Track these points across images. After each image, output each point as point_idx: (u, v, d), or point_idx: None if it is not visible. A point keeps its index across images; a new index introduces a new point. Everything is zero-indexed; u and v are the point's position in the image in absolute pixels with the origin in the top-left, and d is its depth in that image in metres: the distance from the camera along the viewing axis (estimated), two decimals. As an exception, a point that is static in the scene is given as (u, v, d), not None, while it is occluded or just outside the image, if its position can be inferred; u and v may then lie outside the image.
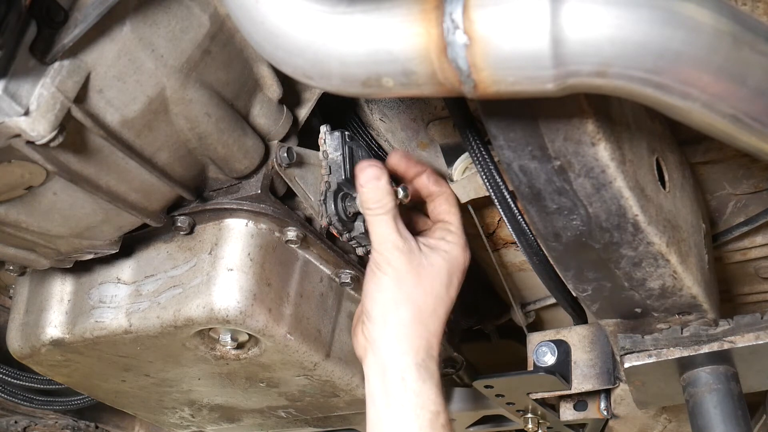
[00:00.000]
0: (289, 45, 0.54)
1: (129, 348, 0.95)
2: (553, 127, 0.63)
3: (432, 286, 0.86)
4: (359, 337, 0.88)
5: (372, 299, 0.85)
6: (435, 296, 0.86)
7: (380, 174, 0.83)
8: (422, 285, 0.85)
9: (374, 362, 0.85)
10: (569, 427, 1.34)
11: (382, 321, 0.84)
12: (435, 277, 0.86)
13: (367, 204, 0.83)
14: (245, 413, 1.22)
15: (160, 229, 0.88)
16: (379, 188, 0.82)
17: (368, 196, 0.83)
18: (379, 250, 0.84)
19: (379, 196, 0.83)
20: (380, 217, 0.83)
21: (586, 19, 0.47)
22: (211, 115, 0.77)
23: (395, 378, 0.83)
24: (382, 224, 0.84)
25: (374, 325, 0.85)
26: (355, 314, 0.94)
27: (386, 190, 0.83)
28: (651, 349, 0.82)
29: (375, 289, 0.85)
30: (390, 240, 0.84)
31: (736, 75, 0.48)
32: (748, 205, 0.97)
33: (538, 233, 0.74)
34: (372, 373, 0.85)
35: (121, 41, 0.66)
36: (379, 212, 0.83)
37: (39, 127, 0.60)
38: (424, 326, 0.85)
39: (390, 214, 0.84)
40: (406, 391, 0.82)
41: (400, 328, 0.84)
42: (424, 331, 0.85)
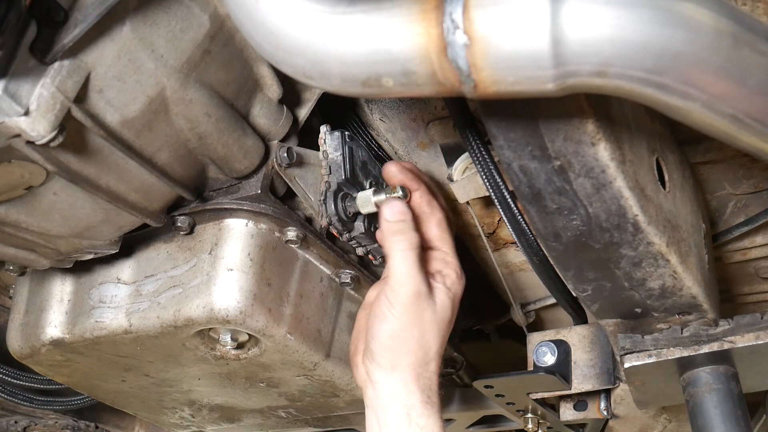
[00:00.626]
0: (289, 45, 0.54)
1: (129, 348, 0.95)
2: (553, 127, 0.63)
3: (440, 328, 0.86)
4: (360, 368, 0.88)
5: (379, 342, 0.84)
6: (442, 337, 0.87)
7: (407, 210, 0.84)
8: (432, 330, 0.85)
9: (378, 397, 0.85)
10: (569, 427, 1.34)
11: (390, 367, 0.84)
12: (443, 318, 0.87)
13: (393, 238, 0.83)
14: (245, 413, 1.22)
15: (160, 229, 0.88)
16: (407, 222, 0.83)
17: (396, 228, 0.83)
18: (398, 291, 0.83)
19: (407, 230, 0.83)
20: (404, 253, 0.83)
21: (586, 19, 0.47)
22: (211, 115, 0.77)
23: (401, 414, 0.83)
24: (405, 261, 0.83)
25: (380, 369, 0.84)
26: (354, 333, 0.93)
27: (412, 225, 0.83)
28: (651, 349, 0.82)
29: (384, 331, 0.84)
30: (411, 283, 0.83)
31: (736, 75, 0.48)
32: (748, 205, 0.97)
33: (538, 233, 0.74)
34: (376, 405, 0.85)
35: (121, 41, 0.66)
36: (403, 247, 0.83)
37: (39, 127, 0.60)
38: (426, 369, 0.85)
39: (415, 251, 0.84)
40: (411, 425, 0.82)
41: (406, 375, 0.84)
42: (426, 373, 0.85)
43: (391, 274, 0.84)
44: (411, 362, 0.84)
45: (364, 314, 0.91)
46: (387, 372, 0.84)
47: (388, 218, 0.83)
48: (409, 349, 0.84)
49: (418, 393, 0.84)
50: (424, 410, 0.83)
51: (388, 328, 0.84)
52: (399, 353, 0.84)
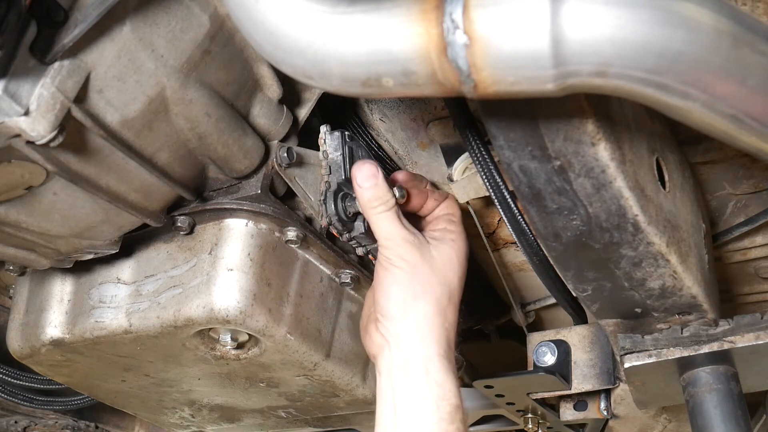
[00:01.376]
0: (289, 45, 0.54)
1: (129, 348, 0.95)
2: (553, 127, 0.63)
3: (445, 276, 0.85)
4: (374, 335, 0.86)
5: (387, 295, 0.83)
6: (449, 286, 0.86)
7: (376, 172, 0.82)
8: (437, 276, 0.84)
9: (394, 356, 0.83)
10: (569, 427, 1.34)
11: (402, 315, 0.83)
12: (447, 266, 0.86)
13: (369, 203, 0.82)
14: (245, 413, 1.22)
15: (160, 229, 0.88)
16: (378, 186, 0.82)
17: (369, 194, 0.82)
18: (389, 246, 0.83)
19: (380, 194, 0.82)
20: (384, 215, 0.83)
21: (586, 19, 0.46)
22: (211, 115, 0.77)
23: (418, 369, 0.81)
24: (386, 221, 0.83)
25: (392, 320, 0.83)
26: (363, 313, 0.92)
27: (385, 187, 0.82)
28: (651, 349, 0.82)
29: (390, 283, 0.83)
30: (398, 234, 0.83)
31: (736, 75, 0.48)
32: (748, 205, 0.97)
33: (538, 233, 0.74)
34: (392, 367, 0.83)
35: (121, 41, 0.66)
36: (381, 209, 0.82)
37: (39, 127, 0.60)
38: (443, 317, 0.84)
39: (393, 210, 0.83)
40: (428, 382, 0.81)
41: (421, 321, 0.82)
42: (443, 322, 0.84)
43: (379, 237, 0.84)
44: (422, 308, 0.83)
45: (371, 293, 0.90)
46: (400, 321, 0.83)
47: (360, 183, 0.82)
48: (416, 293, 0.83)
49: (435, 345, 0.82)
50: (442, 365, 0.81)
51: (389, 277, 0.83)
52: (407, 299, 0.83)
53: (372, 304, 0.89)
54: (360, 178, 0.82)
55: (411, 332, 0.82)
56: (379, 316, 0.85)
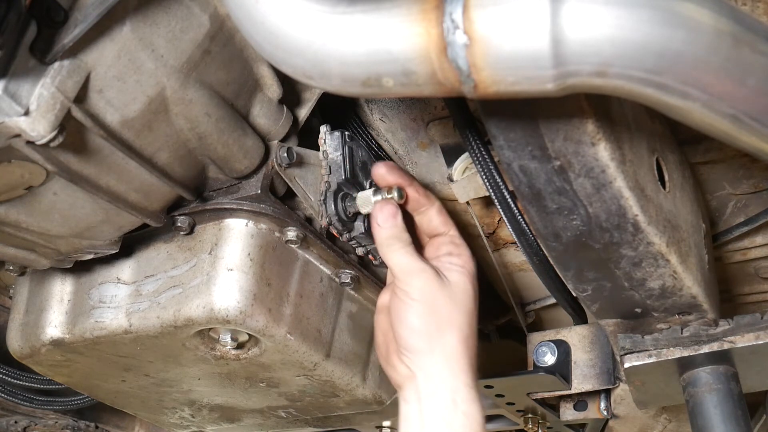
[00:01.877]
0: (289, 45, 0.54)
1: (129, 348, 0.95)
2: (553, 127, 0.63)
3: (464, 304, 0.86)
4: (398, 366, 0.86)
5: (410, 330, 0.83)
6: (469, 313, 0.86)
7: (396, 212, 0.84)
8: (456, 305, 0.85)
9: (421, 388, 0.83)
10: (569, 427, 1.34)
11: (428, 350, 0.83)
12: (464, 294, 0.86)
13: (386, 242, 0.84)
14: (245, 413, 1.22)
15: (160, 229, 0.88)
16: (397, 226, 0.84)
17: (388, 233, 0.83)
18: (405, 279, 0.83)
19: (398, 233, 0.84)
20: (401, 251, 0.84)
21: (586, 19, 0.46)
22: (211, 115, 0.77)
23: (446, 400, 0.82)
24: (404, 256, 0.84)
25: (419, 355, 0.83)
26: (378, 341, 0.92)
27: (403, 226, 0.84)
28: (651, 349, 0.82)
29: (411, 318, 0.83)
30: (415, 267, 0.84)
31: (736, 75, 0.48)
32: (748, 205, 0.97)
33: (538, 233, 0.74)
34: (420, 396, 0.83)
35: (121, 41, 0.66)
36: (398, 247, 0.84)
37: (39, 127, 0.60)
38: (467, 346, 0.84)
39: (409, 245, 0.84)
40: (456, 412, 0.81)
41: (447, 353, 0.83)
42: (467, 350, 0.84)
43: (396, 272, 0.84)
44: (448, 341, 0.83)
45: (382, 317, 0.90)
46: (427, 355, 0.83)
47: (380, 223, 0.84)
48: (440, 327, 0.83)
49: (462, 375, 0.82)
50: (469, 395, 0.82)
51: (412, 312, 0.83)
52: (432, 333, 0.83)
53: (386, 331, 0.89)
54: (380, 218, 0.84)
55: (439, 366, 0.83)
56: (404, 350, 0.84)
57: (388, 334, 0.88)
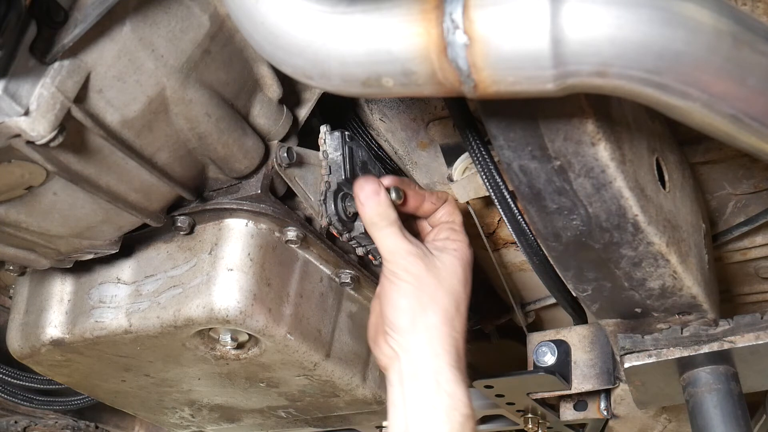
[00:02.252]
0: (289, 45, 0.54)
1: (129, 348, 0.95)
2: (553, 127, 0.63)
3: (452, 285, 0.85)
4: (384, 347, 0.86)
5: (395, 308, 0.83)
6: (456, 295, 0.86)
7: (378, 188, 0.83)
8: (443, 286, 0.84)
9: (405, 369, 0.83)
10: (569, 427, 1.34)
11: (411, 328, 0.83)
12: (452, 276, 0.86)
13: (371, 220, 0.83)
14: (245, 413, 1.22)
15: (160, 229, 0.88)
16: (381, 203, 0.82)
17: (372, 211, 0.82)
18: (393, 260, 0.83)
19: (382, 210, 0.83)
20: (386, 230, 0.83)
21: (586, 19, 0.46)
22: (211, 115, 0.77)
23: (428, 381, 0.82)
24: (390, 236, 0.83)
25: (402, 333, 0.83)
26: (370, 324, 0.92)
27: (387, 203, 0.83)
28: (651, 349, 0.82)
29: (397, 297, 0.83)
30: (402, 248, 0.83)
31: (736, 75, 0.48)
32: (748, 205, 0.97)
33: (538, 233, 0.74)
34: (402, 378, 0.83)
35: (121, 41, 0.66)
36: (384, 225, 0.83)
37: (39, 127, 0.60)
38: (452, 327, 0.84)
39: (395, 224, 0.84)
40: (439, 392, 0.81)
41: (430, 332, 0.83)
42: (452, 331, 0.84)
43: (383, 252, 0.84)
44: (430, 319, 0.83)
45: (377, 303, 0.90)
46: (410, 333, 0.83)
47: (362, 201, 0.83)
48: (424, 305, 0.83)
49: (446, 355, 0.82)
50: (452, 375, 0.82)
51: (398, 292, 0.83)
52: (416, 312, 0.83)
53: (378, 314, 0.89)
54: (362, 195, 0.82)
55: (421, 344, 0.83)
56: (388, 329, 0.85)
57: (379, 317, 0.88)
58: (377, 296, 0.91)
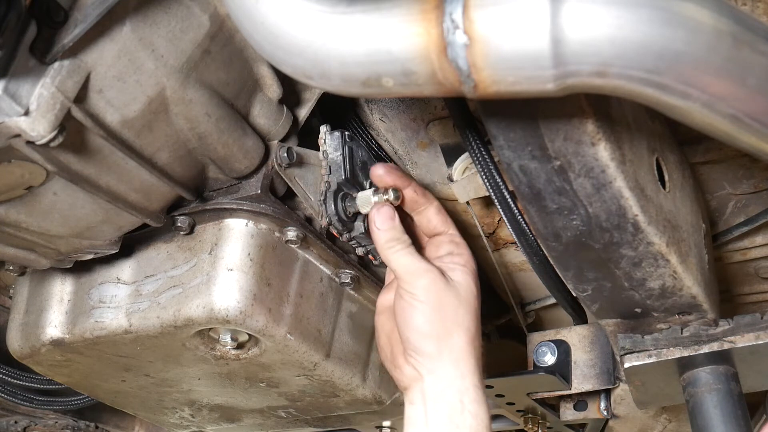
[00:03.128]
0: (289, 45, 0.54)
1: (129, 348, 0.95)
2: (553, 127, 0.63)
3: (469, 303, 0.85)
4: (405, 368, 0.85)
5: (418, 332, 0.82)
6: (475, 313, 0.86)
7: (393, 215, 0.84)
8: (462, 305, 0.84)
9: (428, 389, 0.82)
10: (569, 427, 1.34)
11: (437, 352, 0.82)
12: (469, 294, 0.86)
13: (387, 244, 0.83)
14: (245, 413, 1.22)
15: (160, 229, 0.88)
16: (395, 227, 0.83)
17: (387, 236, 0.83)
18: (410, 280, 0.83)
19: (397, 235, 0.83)
20: (402, 251, 0.83)
21: (586, 19, 0.47)
22: (211, 115, 0.77)
23: (453, 402, 0.81)
24: (404, 257, 0.83)
25: (427, 357, 0.83)
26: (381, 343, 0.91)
27: (401, 227, 0.84)
28: (651, 349, 0.82)
29: (419, 321, 0.82)
30: (419, 267, 0.83)
31: (736, 75, 0.48)
32: (748, 205, 0.98)
33: (538, 233, 0.74)
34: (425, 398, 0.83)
35: (121, 41, 0.66)
36: (399, 248, 0.83)
37: (39, 127, 0.60)
38: (474, 346, 0.84)
39: (410, 246, 0.84)
40: (463, 413, 0.81)
41: (455, 355, 0.82)
42: (474, 351, 0.84)
43: (399, 273, 0.84)
44: (455, 342, 0.83)
45: (384, 319, 0.89)
46: (435, 358, 0.82)
47: (378, 227, 0.84)
48: (447, 329, 0.82)
49: (470, 375, 0.82)
50: (476, 396, 0.82)
51: (419, 315, 0.82)
52: (440, 335, 0.82)
53: (389, 332, 0.88)
54: (378, 221, 0.83)
55: (446, 367, 0.82)
56: (411, 353, 0.84)
57: (393, 335, 0.87)
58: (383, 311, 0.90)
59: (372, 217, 0.84)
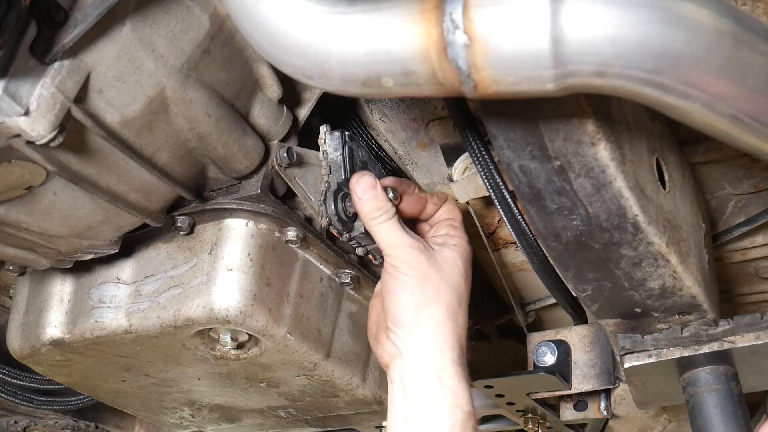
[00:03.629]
0: (289, 45, 0.54)
1: (129, 348, 0.95)
2: (553, 127, 0.63)
3: (454, 279, 0.85)
4: (385, 344, 0.85)
5: (398, 303, 0.83)
6: (458, 290, 0.85)
7: (374, 183, 0.83)
8: (445, 280, 0.84)
9: (407, 365, 0.82)
10: (569, 427, 1.34)
11: (414, 323, 0.82)
12: (454, 270, 0.85)
13: (370, 214, 0.83)
14: (245, 413, 1.22)
15: (160, 229, 0.88)
16: (378, 196, 0.82)
17: (369, 206, 0.82)
18: (394, 254, 0.83)
19: (380, 204, 0.82)
20: (386, 224, 0.83)
21: (586, 19, 0.46)
22: (211, 115, 0.77)
23: (431, 377, 0.81)
24: (389, 230, 0.83)
25: (405, 328, 0.83)
26: (370, 322, 0.92)
27: (384, 197, 0.83)
28: (651, 349, 0.82)
29: (399, 292, 0.82)
30: (403, 241, 0.83)
31: (736, 75, 0.48)
32: (748, 205, 0.97)
33: (538, 233, 0.74)
34: (404, 375, 0.82)
35: (121, 41, 0.66)
36: (383, 219, 0.83)
37: (39, 127, 0.60)
38: (455, 322, 0.84)
39: (394, 218, 0.83)
40: (441, 389, 0.80)
41: (434, 327, 0.82)
42: (456, 327, 0.84)
43: (384, 246, 0.84)
44: (434, 313, 0.82)
45: (377, 301, 0.90)
46: (413, 328, 0.82)
47: (359, 196, 0.82)
48: (428, 299, 0.82)
49: (449, 350, 0.82)
50: (455, 372, 0.81)
51: (400, 285, 0.82)
52: (420, 306, 0.82)
53: (379, 312, 0.88)
54: (359, 190, 0.82)
55: (424, 340, 0.82)
56: (391, 325, 0.84)
57: (381, 314, 0.88)
58: (377, 294, 0.91)
59: (352, 187, 0.83)
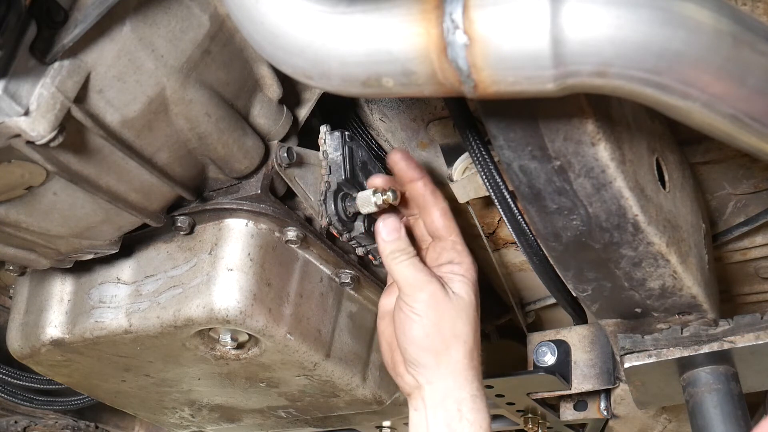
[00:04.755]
0: (289, 45, 0.54)
1: (129, 348, 0.95)
2: (553, 127, 0.63)
3: (468, 315, 0.86)
4: (405, 376, 0.87)
5: (415, 344, 0.84)
6: (473, 324, 0.86)
7: (399, 225, 0.85)
8: (461, 317, 0.85)
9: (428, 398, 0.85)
10: (569, 427, 1.34)
11: (435, 365, 0.84)
12: (468, 305, 0.86)
13: (392, 255, 0.84)
14: (245, 413, 1.22)
15: (160, 229, 0.88)
16: (401, 238, 0.84)
17: (392, 247, 0.84)
18: (411, 293, 0.84)
19: (402, 245, 0.84)
20: (405, 262, 0.84)
21: (586, 19, 0.47)
22: (211, 115, 0.77)
23: (452, 409, 0.83)
24: (408, 269, 0.84)
25: (425, 369, 0.85)
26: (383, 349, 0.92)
27: (407, 239, 0.84)
28: (651, 349, 0.82)
29: (418, 335, 0.83)
30: (421, 281, 0.84)
31: (736, 75, 0.48)
32: (748, 205, 0.98)
33: (538, 233, 0.74)
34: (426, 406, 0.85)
35: (121, 41, 0.66)
36: (402, 259, 0.84)
37: (39, 127, 0.60)
38: (472, 358, 0.86)
39: (414, 257, 0.84)
40: (461, 420, 0.83)
41: (453, 367, 0.84)
42: (472, 361, 0.86)
43: (400, 284, 0.85)
44: (453, 355, 0.84)
45: (386, 323, 0.90)
46: (433, 370, 0.84)
47: (384, 238, 0.84)
48: (445, 342, 0.84)
49: (468, 385, 0.84)
50: (474, 404, 0.84)
51: (418, 328, 0.83)
52: (438, 350, 0.84)
53: (392, 340, 0.89)
54: (384, 233, 0.84)
55: (444, 379, 0.84)
56: (410, 364, 0.86)
57: (393, 343, 0.89)
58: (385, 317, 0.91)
59: (378, 229, 0.85)
